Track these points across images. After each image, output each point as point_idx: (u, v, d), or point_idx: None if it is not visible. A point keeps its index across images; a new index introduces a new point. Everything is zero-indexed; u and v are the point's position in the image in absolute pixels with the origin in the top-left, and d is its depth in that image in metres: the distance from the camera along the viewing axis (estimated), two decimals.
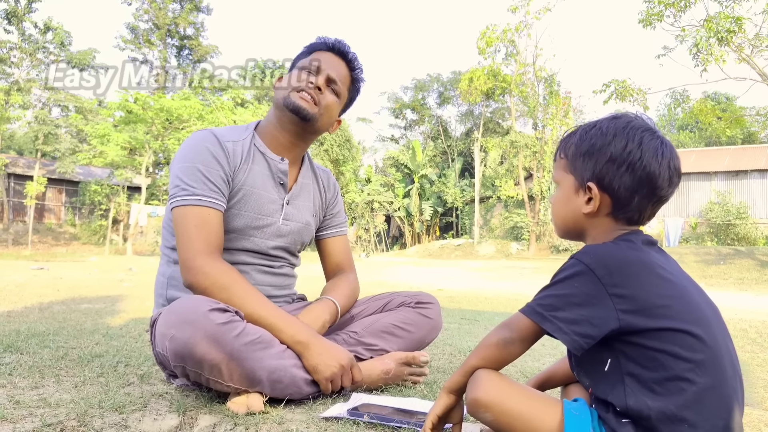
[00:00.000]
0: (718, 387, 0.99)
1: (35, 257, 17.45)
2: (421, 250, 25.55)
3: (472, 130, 34.48)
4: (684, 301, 1.04)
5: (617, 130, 1.13)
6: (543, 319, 1.06)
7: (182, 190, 1.65)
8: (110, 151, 22.42)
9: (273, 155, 1.84)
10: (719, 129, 17.48)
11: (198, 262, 1.59)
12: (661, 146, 1.12)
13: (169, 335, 1.42)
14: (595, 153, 1.13)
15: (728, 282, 12.68)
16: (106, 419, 1.36)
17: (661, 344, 0.99)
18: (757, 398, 2.06)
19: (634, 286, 1.02)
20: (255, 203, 1.78)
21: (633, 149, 1.10)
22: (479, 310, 5.61)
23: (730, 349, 1.06)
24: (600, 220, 1.16)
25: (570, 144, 1.20)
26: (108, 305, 4.44)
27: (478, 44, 26.05)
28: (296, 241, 1.93)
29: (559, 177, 1.22)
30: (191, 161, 1.68)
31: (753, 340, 3.69)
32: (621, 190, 1.11)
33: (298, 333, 1.59)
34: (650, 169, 1.10)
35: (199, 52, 32.79)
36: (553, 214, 1.25)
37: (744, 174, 22.06)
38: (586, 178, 1.15)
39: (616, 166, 1.11)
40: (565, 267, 1.08)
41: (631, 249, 1.09)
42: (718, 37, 12.88)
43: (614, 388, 1.03)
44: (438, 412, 1.20)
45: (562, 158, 1.22)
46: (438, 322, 2.03)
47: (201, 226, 1.62)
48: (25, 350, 2.19)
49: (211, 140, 1.72)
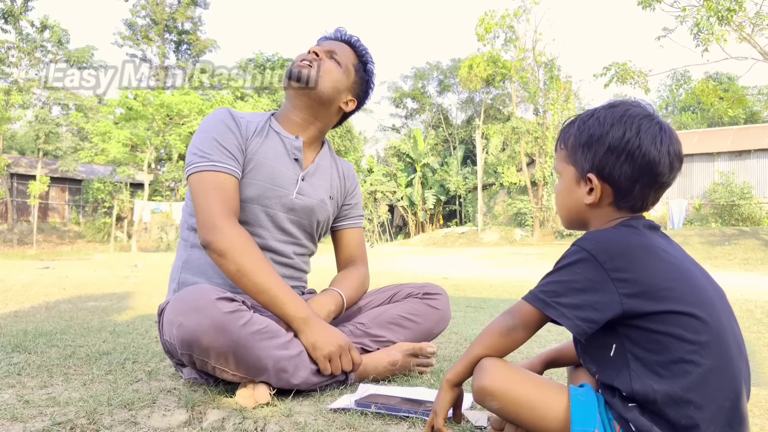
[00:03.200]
0: (723, 368, 0.99)
1: (41, 256, 17.52)
2: (425, 238, 25.56)
3: (473, 118, 34.40)
4: (687, 284, 1.03)
5: (614, 119, 1.12)
6: (546, 306, 1.06)
7: (199, 158, 1.69)
8: (112, 148, 22.44)
9: (287, 134, 1.87)
10: (721, 109, 17.40)
11: (218, 221, 1.61)
12: (660, 132, 1.10)
13: (176, 323, 1.43)
14: (594, 143, 1.13)
15: (733, 263, 12.67)
16: (116, 416, 1.37)
17: (665, 327, 0.99)
18: (764, 378, 2.06)
19: (636, 270, 1.02)
20: (268, 173, 1.79)
21: (631, 138, 1.09)
22: (484, 297, 5.61)
23: (735, 330, 1.06)
24: (603, 209, 1.15)
25: (569, 135, 1.20)
26: (114, 302, 4.46)
27: (477, 31, 25.91)
28: (311, 218, 1.91)
29: (560, 168, 1.22)
30: (206, 132, 1.73)
31: (759, 321, 3.69)
32: (622, 180, 1.11)
33: (300, 309, 1.60)
34: (650, 156, 1.09)
35: (198, 47, 32.67)
36: (556, 205, 1.24)
37: (747, 154, 21.97)
38: (586, 169, 1.14)
39: (615, 156, 1.10)
40: (567, 254, 1.08)
41: (632, 234, 1.09)
42: (719, 17, 12.78)
43: (620, 372, 1.03)
44: (446, 407, 1.20)
45: (562, 149, 1.22)
46: (446, 314, 2.02)
47: (219, 190, 1.65)
48: (33, 350, 2.20)
49: (225, 114, 1.78)
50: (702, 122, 31.95)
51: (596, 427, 1.03)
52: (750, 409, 1.58)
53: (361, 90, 1.98)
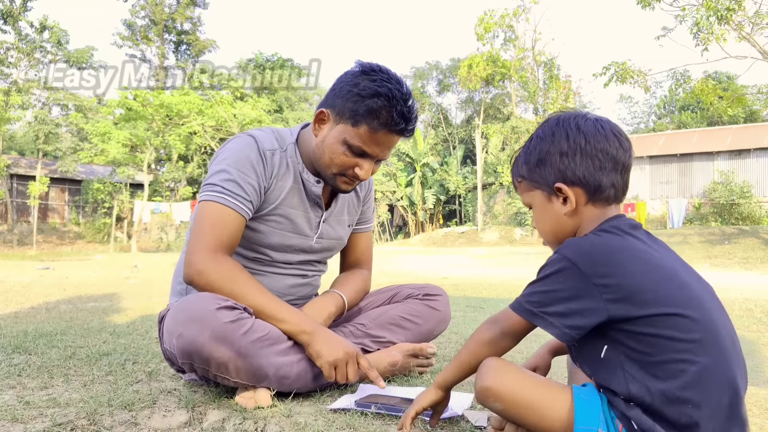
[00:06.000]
0: (719, 364, 0.99)
1: (40, 257, 17.51)
2: (425, 238, 25.54)
3: (473, 117, 34.37)
4: (673, 284, 1.03)
5: (552, 129, 1.18)
6: (533, 316, 1.08)
7: (212, 187, 1.60)
8: (111, 148, 22.44)
9: (309, 176, 1.74)
10: (721, 108, 17.36)
11: (200, 258, 1.54)
12: (597, 122, 1.16)
13: (176, 333, 1.43)
14: (546, 158, 1.17)
15: (733, 262, 12.66)
16: (116, 417, 1.37)
17: (655, 329, 1.00)
18: (764, 378, 2.06)
19: (618, 274, 1.02)
20: (288, 223, 1.74)
21: (575, 136, 1.14)
22: (484, 297, 5.61)
23: (728, 325, 1.06)
24: (582, 212, 1.16)
25: (520, 165, 1.24)
26: (114, 303, 4.46)
27: (477, 30, 25.91)
28: (326, 255, 1.92)
29: (527, 199, 1.24)
30: (228, 164, 1.62)
31: (759, 320, 3.69)
32: (587, 176, 1.14)
33: (302, 323, 1.58)
34: (600, 145, 1.13)
35: (197, 47, 32.65)
36: (543, 236, 1.25)
37: (747, 153, 21.96)
38: (551, 182, 1.17)
39: (570, 158, 1.14)
40: (549, 262, 1.09)
41: (613, 238, 1.09)
42: (718, 16, 12.76)
43: (614, 374, 1.04)
44: (425, 405, 1.24)
45: (520, 182, 1.25)
46: (446, 314, 2.01)
47: (217, 225, 1.57)
48: (34, 351, 2.20)
49: (252, 147, 1.65)
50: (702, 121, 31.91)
51: (600, 426, 1.03)
52: (749, 408, 1.58)
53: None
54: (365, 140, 1.60)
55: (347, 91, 1.59)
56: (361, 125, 1.58)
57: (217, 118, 22.18)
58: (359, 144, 1.60)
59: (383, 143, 1.62)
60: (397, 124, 1.58)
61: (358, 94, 1.56)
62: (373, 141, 1.60)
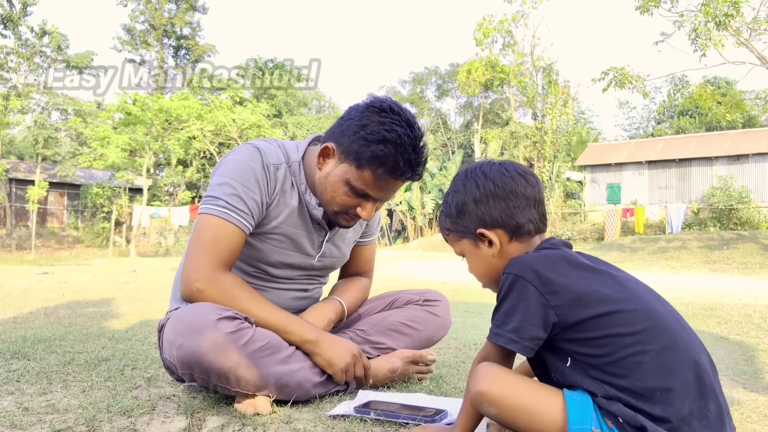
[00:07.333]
0: (672, 346, 1.05)
1: (39, 261, 17.48)
2: (425, 243, 25.55)
3: (472, 122, 34.44)
4: (608, 285, 1.11)
5: (464, 181, 1.28)
6: (497, 337, 1.14)
7: (215, 200, 1.56)
8: (110, 153, 22.45)
9: (312, 198, 1.69)
10: (719, 114, 17.42)
11: (200, 276, 1.52)
12: (501, 166, 1.26)
13: (176, 344, 1.42)
14: (463, 208, 1.27)
15: (732, 267, 12.67)
16: (115, 423, 1.37)
17: (603, 330, 1.06)
18: (763, 384, 2.06)
19: (561, 281, 1.10)
20: (291, 243, 1.72)
21: (484, 183, 1.24)
22: (483, 302, 5.61)
23: (671, 309, 1.13)
24: (509, 250, 1.24)
25: (445, 219, 1.33)
26: (113, 308, 4.45)
27: (475, 35, 26.01)
28: (328, 271, 1.91)
29: (458, 249, 1.32)
30: (232, 177, 1.57)
31: (758, 326, 3.68)
32: (503, 217, 1.23)
33: (306, 332, 1.59)
34: (508, 186, 1.23)
35: (197, 52, 32.71)
36: (479, 280, 1.33)
37: (745, 158, 22.00)
38: (473, 229, 1.26)
39: (484, 204, 1.24)
40: (501, 284, 1.17)
41: (550, 251, 1.20)
42: (716, 22, 12.81)
43: (585, 382, 1.09)
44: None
45: (448, 234, 1.33)
46: (446, 320, 2.01)
47: (217, 240, 1.54)
48: (32, 356, 2.20)
49: (256, 159, 1.61)
50: (700, 126, 31.96)
51: (593, 424, 1.05)
52: (748, 415, 1.58)
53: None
54: (368, 184, 1.57)
55: (354, 132, 1.54)
56: (365, 169, 1.54)
57: (216, 122, 22.19)
58: (362, 187, 1.57)
59: (387, 188, 1.60)
60: (403, 173, 1.54)
61: (364, 137, 1.51)
62: (377, 186, 1.57)
